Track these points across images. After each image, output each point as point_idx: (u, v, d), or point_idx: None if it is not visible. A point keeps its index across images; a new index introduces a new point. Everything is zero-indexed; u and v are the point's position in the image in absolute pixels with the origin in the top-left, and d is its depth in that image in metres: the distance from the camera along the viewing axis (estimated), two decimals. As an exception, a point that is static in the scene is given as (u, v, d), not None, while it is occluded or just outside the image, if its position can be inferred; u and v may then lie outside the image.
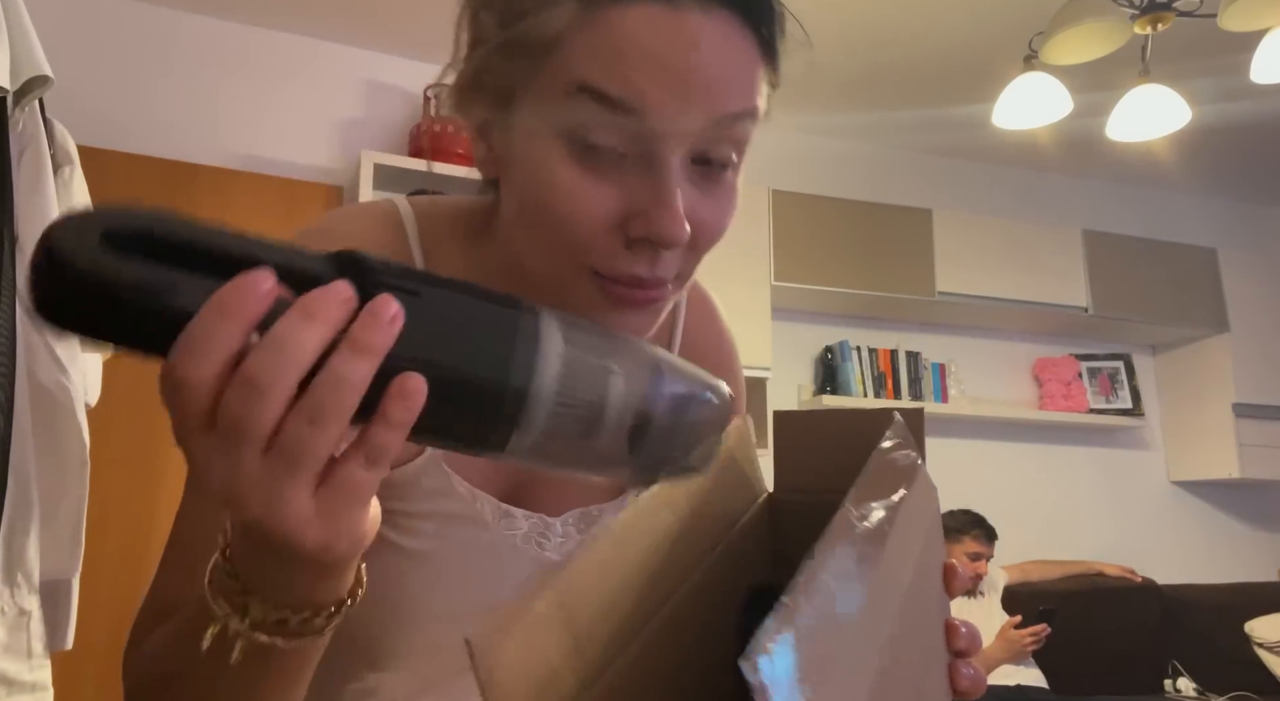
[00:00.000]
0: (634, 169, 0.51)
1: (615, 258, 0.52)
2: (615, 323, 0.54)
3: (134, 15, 3.03)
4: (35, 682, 1.34)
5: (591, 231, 0.51)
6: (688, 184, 0.52)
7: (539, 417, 0.37)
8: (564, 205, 0.51)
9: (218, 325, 0.32)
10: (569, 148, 0.50)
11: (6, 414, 1.23)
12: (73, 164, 1.59)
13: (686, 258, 0.55)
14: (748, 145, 0.56)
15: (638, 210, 0.51)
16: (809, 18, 0.60)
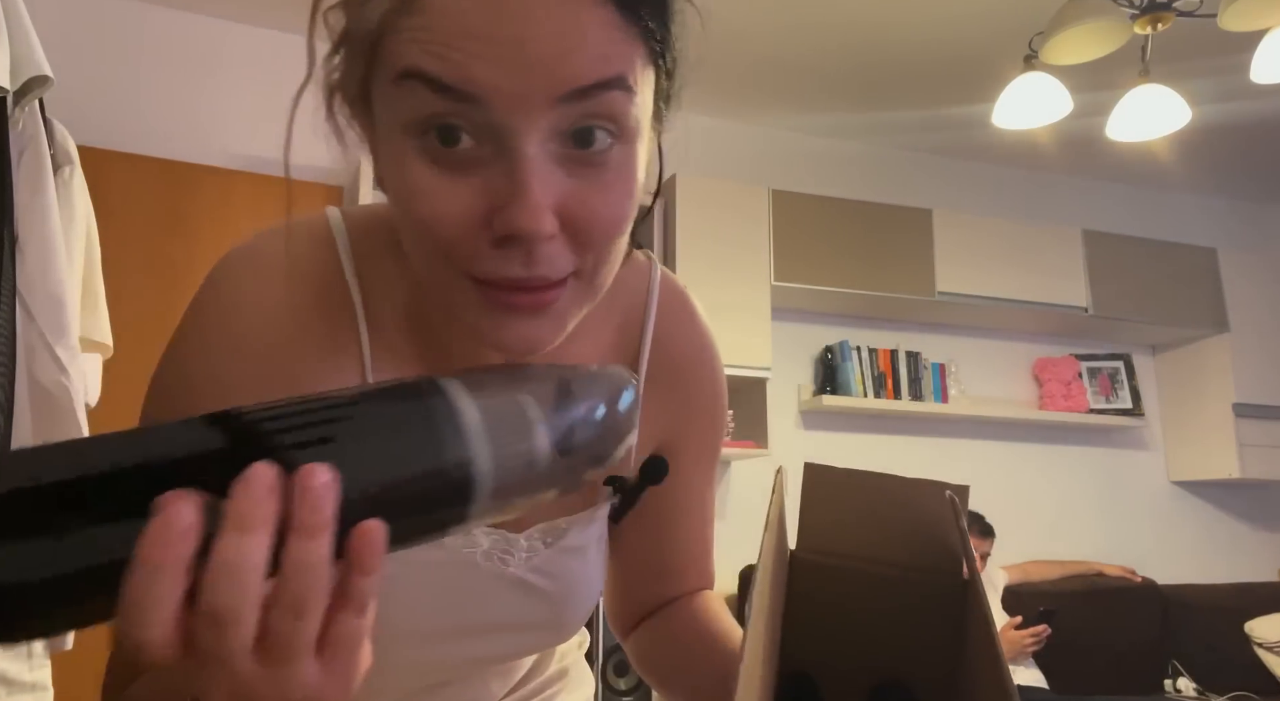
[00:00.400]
0: (491, 161, 0.46)
1: (485, 259, 0.48)
2: (508, 331, 0.50)
3: (134, 15, 3.03)
4: (35, 682, 1.34)
5: (454, 233, 0.47)
6: (558, 171, 0.47)
7: (486, 483, 0.38)
8: (423, 207, 0.47)
9: (154, 584, 0.30)
10: (420, 145, 0.46)
11: (6, 414, 1.23)
12: (73, 164, 1.59)
13: (580, 252, 0.49)
14: (632, 119, 0.48)
15: (498, 206, 0.46)
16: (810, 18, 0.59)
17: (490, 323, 0.50)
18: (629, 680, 2.81)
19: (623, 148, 0.49)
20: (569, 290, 0.50)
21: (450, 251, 0.48)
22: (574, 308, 0.52)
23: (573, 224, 0.48)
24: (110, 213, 2.28)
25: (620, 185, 0.49)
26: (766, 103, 3.68)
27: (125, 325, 2.17)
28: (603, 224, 0.49)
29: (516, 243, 0.47)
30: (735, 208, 3.38)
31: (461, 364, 0.60)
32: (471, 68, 0.44)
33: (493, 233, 0.47)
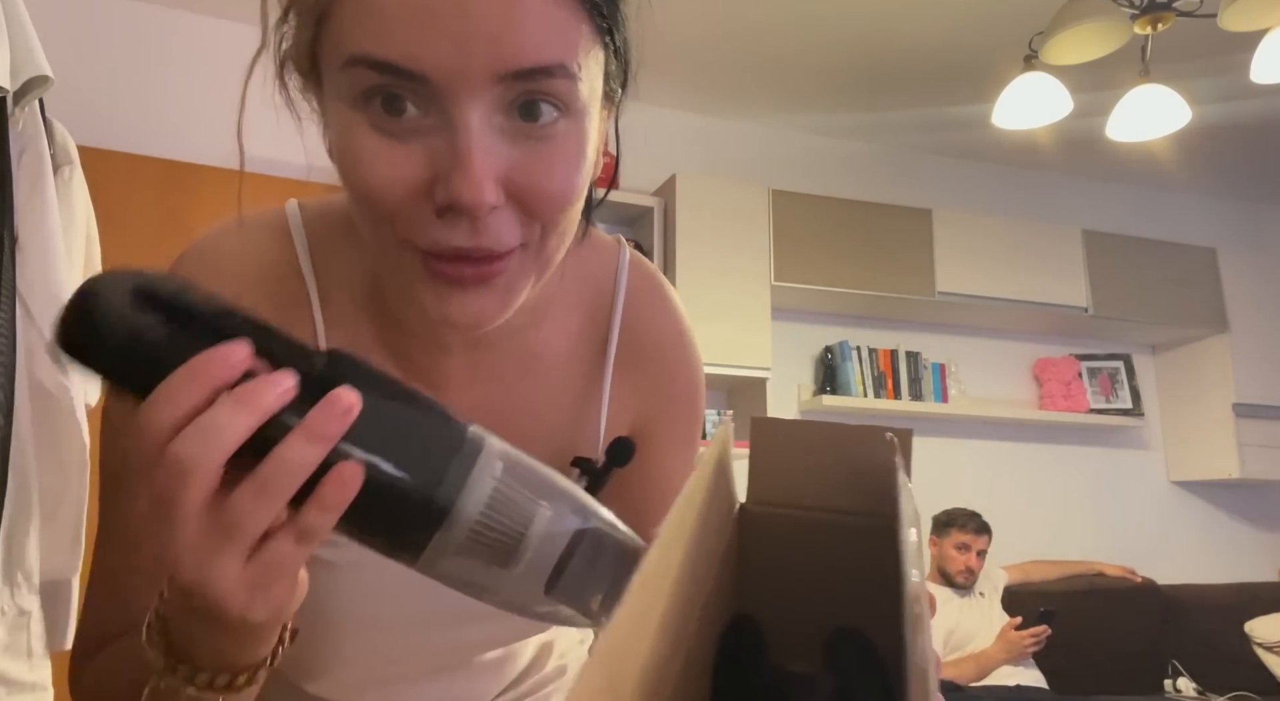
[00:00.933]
0: (435, 131, 0.46)
1: (429, 228, 0.48)
2: (452, 305, 0.50)
3: (134, 15, 3.03)
4: (35, 682, 1.34)
5: (397, 201, 0.47)
6: (502, 142, 0.47)
7: (457, 536, 0.39)
8: (369, 175, 0.47)
9: (185, 383, 0.35)
10: (366, 115, 0.47)
11: (6, 414, 1.23)
12: (73, 164, 1.58)
13: (527, 224, 0.49)
14: (576, 99, 0.48)
15: (441, 175, 0.46)
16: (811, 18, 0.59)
17: (435, 296, 0.50)
18: (629, 680, 2.81)
19: (569, 122, 0.49)
20: (515, 262, 0.50)
21: (395, 220, 0.48)
22: (521, 281, 0.51)
23: (518, 195, 0.48)
24: (110, 213, 2.28)
25: (565, 158, 0.49)
26: (767, 102, 3.68)
27: (125, 325, 2.16)
28: (548, 195, 0.49)
29: (459, 213, 0.47)
30: (735, 208, 3.38)
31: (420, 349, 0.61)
32: (413, 46, 0.44)
33: (435, 202, 0.47)
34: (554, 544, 0.40)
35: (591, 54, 0.49)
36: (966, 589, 3.10)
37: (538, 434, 0.64)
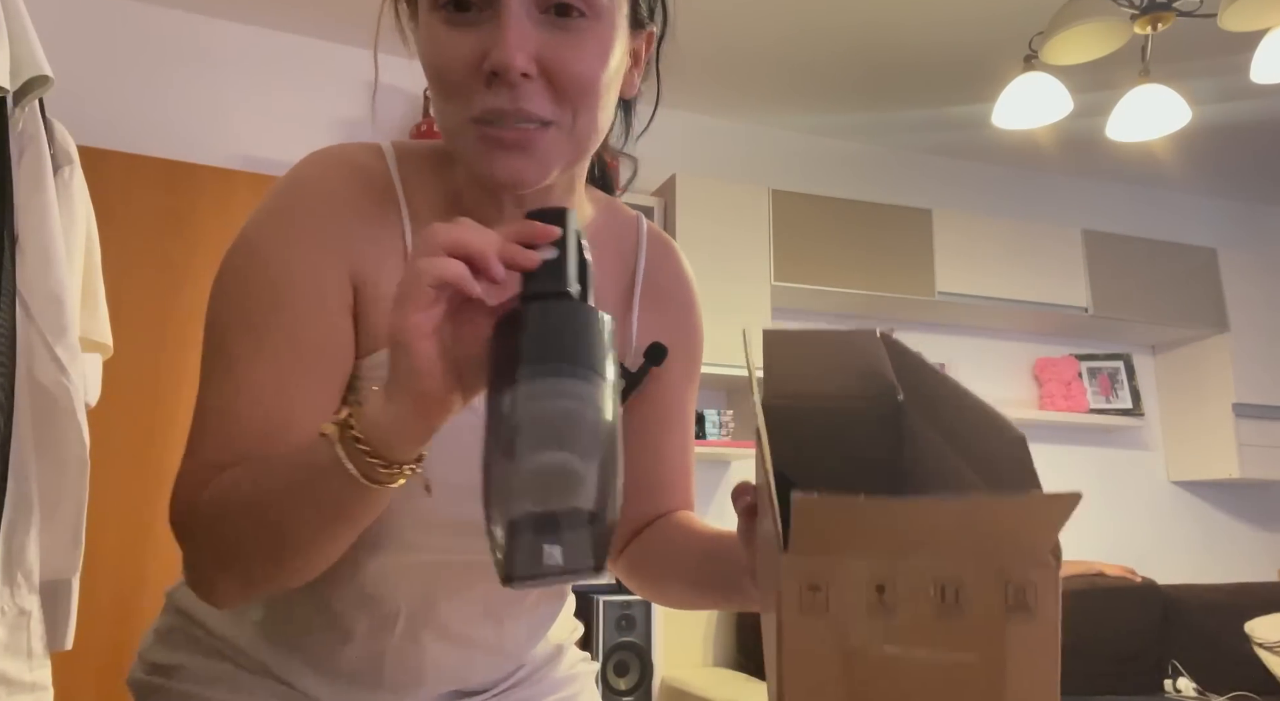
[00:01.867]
0: (488, 21, 0.61)
1: (480, 96, 0.62)
2: (496, 165, 0.63)
3: (134, 15, 3.03)
4: (35, 682, 1.34)
5: (458, 74, 0.62)
6: (537, 29, 0.62)
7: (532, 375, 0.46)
8: (439, 57, 0.63)
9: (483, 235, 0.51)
10: (443, 15, 0.63)
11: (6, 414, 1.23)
12: (73, 164, 1.58)
13: (558, 102, 0.63)
14: (602, 5, 0.63)
15: (489, 50, 0.61)
16: (811, 18, 0.63)
17: (484, 158, 0.64)
18: (629, 680, 2.81)
19: (593, 24, 0.63)
20: (551, 136, 0.63)
21: (456, 92, 0.63)
22: (554, 154, 0.64)
23: (548, 72, 0.62)
24: (110, 213, 2.28)
25: (588, 47, 0.63)
26: (767, 103, 3.68)
27: (125, 325, 2.17)
28: (573, 74, 0.62)
29: (501, 82, 0.61)
30: (735, 208, 3.38)
31: None
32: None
33: (483, 73, 0.61)
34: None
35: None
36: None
37: None
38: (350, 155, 0.72)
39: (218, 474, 0.62)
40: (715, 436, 3.29)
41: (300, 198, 0.69)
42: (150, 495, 2.54)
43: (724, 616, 3.33)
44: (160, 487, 2.56)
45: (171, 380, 2.53)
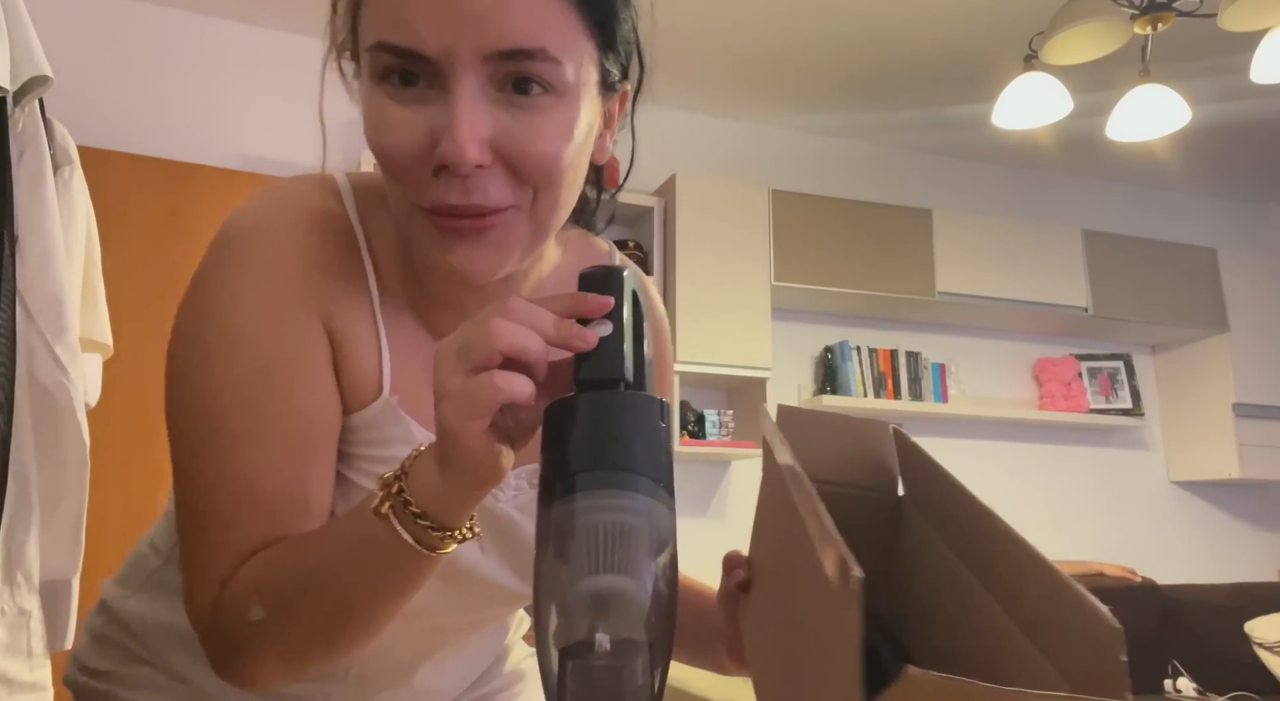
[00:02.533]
0: (437, 101, 0.55)
1: (429, 187, 0.56)
2: (451, 256, 0.58)
3: (134, 15, 3.03)
4: (35, 682, 1.34)
5: (404, 160, 0.56)
6: (493, 111, 0.55)
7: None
8: (384, 138, 0.56)
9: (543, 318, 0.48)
10: (387, 90, 0.56)
11: (6, 414, 1.23)
12: (73, 164, 1.58)
13: (518, 185, 0.57)
14: (561, 82, 0.56)
15: (438, 137, 0.54)
16: (812, 18, 0.61)
17: (439, 248, 0.58)
18: (629, 680, 2.81)
19: (556, 100, 0.56)
20: (509, 219, 0.58)
21: (404, 180, 0.57)
22: (514, 238, 0.59)
23: (506, 156, 0.56)
24: (110, 213, 2.28)
25: (551, 127, 0.56)
26: (767, 103, 3.68)
27: (125, 325, 2.17)
28: (532, 157, 0.56)
29: (451, 173, 0.55)
30: (735, 208, 3.38)
31: (443, 309, 0.68)
32: (419, 31, 0.53)
33: (432, 163, 0.55)
34: None
35: (579, 43, 0.57)
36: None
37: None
38: (307, 202, 0.66)
39: (244, 558, 0.60)
40: (715, 436, 3.28)
41: (268, 254, 0.63)
42: (150, 495, 2.54)
43: (724, 616, 3.34)
44: (160, 487, 2.56)
45: (171, 380, 2.53)
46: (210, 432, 0.61)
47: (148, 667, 0.75)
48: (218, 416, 0.61)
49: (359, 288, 0.65)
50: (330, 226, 0.65)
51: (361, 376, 0.64)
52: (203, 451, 0.61)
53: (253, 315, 0.61)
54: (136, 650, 0.76)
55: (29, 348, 1.31)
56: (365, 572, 0.55)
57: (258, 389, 0.61)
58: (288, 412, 0.61)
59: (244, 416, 0.61)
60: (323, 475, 0.63)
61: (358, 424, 0.65)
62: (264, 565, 0.59)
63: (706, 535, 2.33)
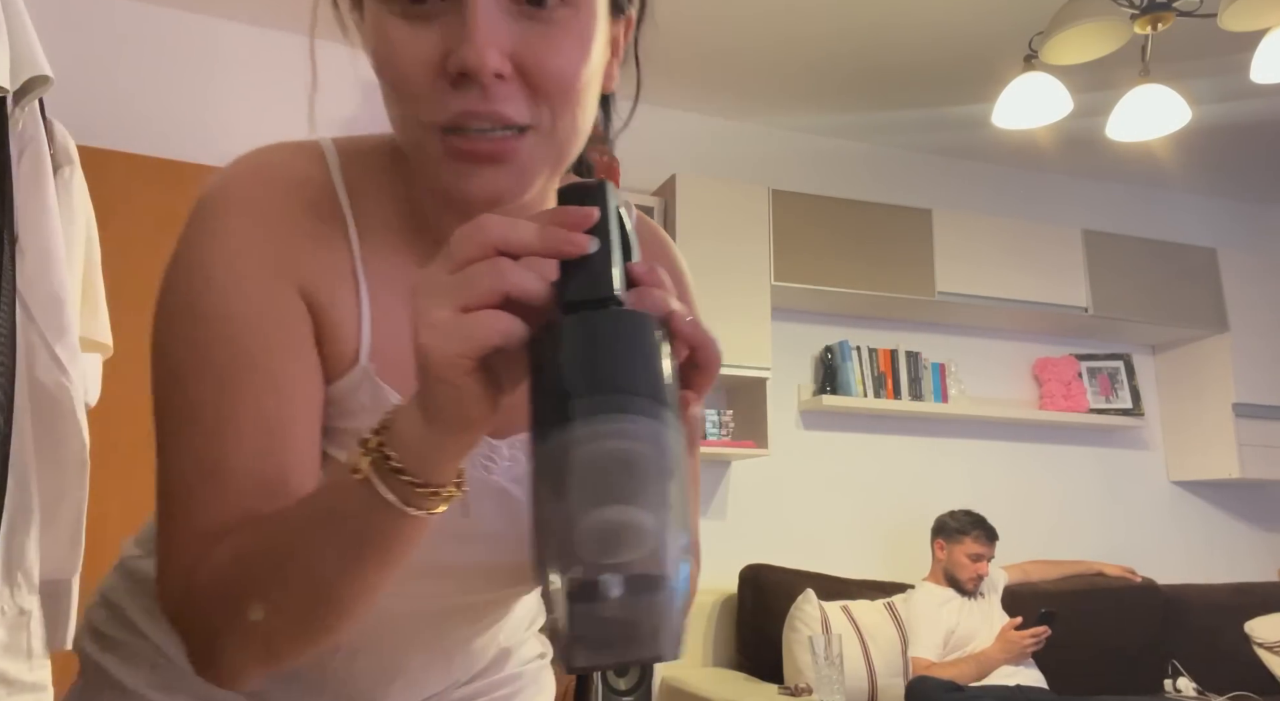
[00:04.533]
0: (450, 12, 0.53)
1: (445, 100, 0.53)
2: (470, 181, 0.55)
3: (134, 15, 3.03)
4: (35, 682, 1.34)
5: (418, 76, 0.53)
6: (508, 21, 0.53)
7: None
8: (394, 57, 0.54)
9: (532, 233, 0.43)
10: (394, 8, 0.54)
11: (6, 414, 1.23)
12: (73, 164, 1.58)
13: (535, 102, 0.54)
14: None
15: (453, 47, 0.52)
16: (812, 18, 0.61)
17: (455, 174, 0.55)
18: (629, 680, 2.81)
19: (573, 13, 0.55)
20: (528, 143, 0.55)
21: (417, 98, 0.54)
22: (534, 163, 0.56)
23: (523, 71, 0.53)
24: (110, 213, 2.28)
25: (568, 40, 0.55)
26: (767, 103, 3.68)
27: (125, 325, 2.16)
28: (552, 72, 0.54)
29: (470, 82, 0.52)
30: (735, 208, 3.38)
31: None
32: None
33: (449, 74, 0.53)
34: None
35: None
36: (972, 593, 3.09)
37: None
38: (287, 167, 0.63)
39: (215, 541, 0.56)
40: (715, 436, 3.28)
41: (243, 220, 0.60)
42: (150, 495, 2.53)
43: (724, 616, 3.33)
44: (160, 487, 2.56)
45: (171, 380, 2.53)
46: (181, 410, 0.59)
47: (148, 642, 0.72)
48: (189, 393, 0.59)
49: (340, 253, 0.62)
50: (310, 192, 0.63)
51: (342, 345, 0.62)
52: (176, 430, 0.60)
53: (223, 288, 0.59)
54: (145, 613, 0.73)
55: (29, 347, 1.31)
56: (345, 544, 0.51)
57: (229, 364, 0.58)
58: (262, 388, 0.58)
59: (214, 393, 0.58)
60: (302, 452, 0.59)
61: (334, 395, 0.62)
62: (238, 546, 0.55)
63: (707, 535, 2.33)
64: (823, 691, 2.52)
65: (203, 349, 0.58)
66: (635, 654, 0.38)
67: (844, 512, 3.61)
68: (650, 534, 0.37)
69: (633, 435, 0.38)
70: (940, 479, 3.71)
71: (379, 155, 0.66)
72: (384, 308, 0.63)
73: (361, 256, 0.63)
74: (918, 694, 2.76)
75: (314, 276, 0.61)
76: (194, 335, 0.59)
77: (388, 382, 0.62)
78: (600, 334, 0.41)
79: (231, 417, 0.57)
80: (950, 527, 3.14)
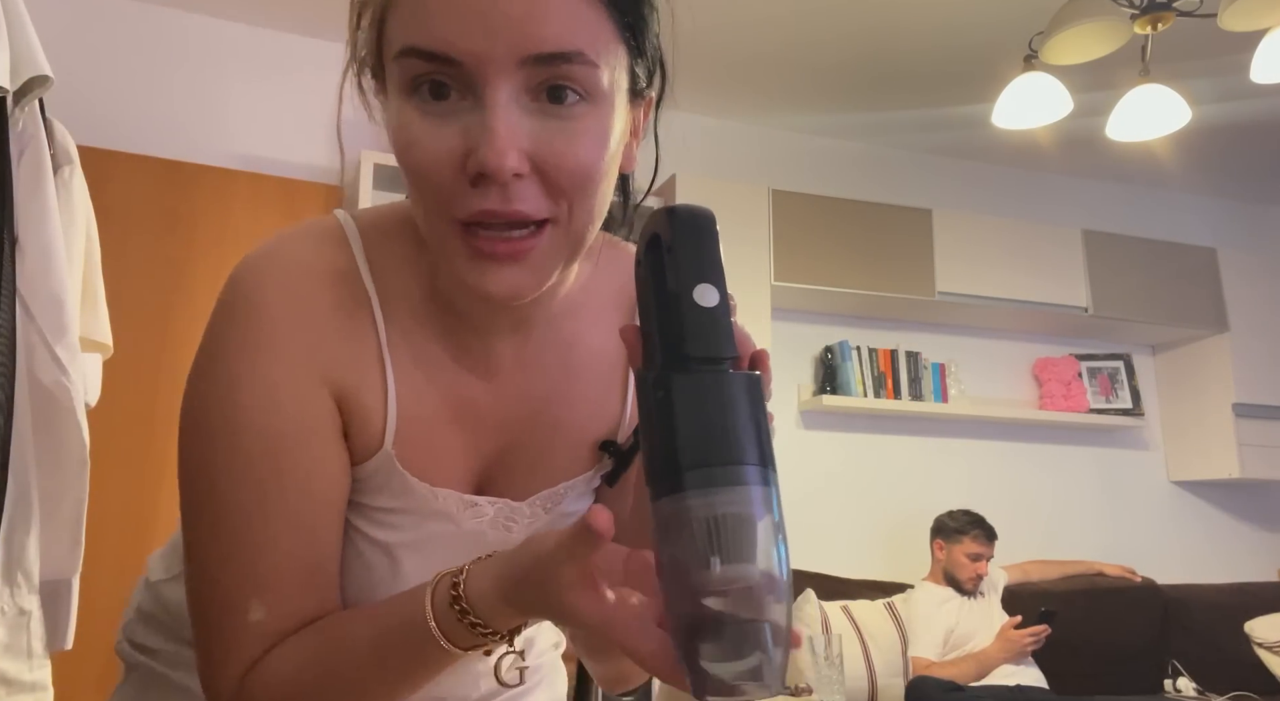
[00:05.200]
0: (471, 111, 0.54)
1: (465, 198, 0.54)
2: (489, 280, 0.56)
3: (134, 15, 3.03)
4: (35, 682, 1.34)
5: (439, 171, 0.54)
6: (528, 120, 0.54)
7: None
8: (418, 154, 0.54)
9: None
10: (416, 102, 0.54)
11: (6, 414, 1.23)
12: (73, 164, 1.58)
13: (554, 198, 0.55)
14: (598, 87, 0.55)
15: (473, 146, 0.53)
16: (812, 18, 0.61)
17: (474, 270, 0.56)
18: (629, 680, 2.81)
19: (591, 108, 0.55)
20: (546, 239, 0.56)
21: (438, 194, 0.55)
22: (552, 258, 0.57)
23: (542, 167, 0.54)
24: (110, 213, 2.28)
25: (587, 137, 0.55)
26: (767, 103, 3.68)
27: (125, 325, 2.17)
28: (570, 168, 0.55)
29: (489, 181, 0.53)
30: (735, 208, 3.38)
31: (474, 335, 0.66)
32: (450, 35, 0.52)
33: (468, 173, 0.53)
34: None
35: (612, 48, 0.56)
36: (971, 592, 3.09)
37: (572, 419, 0.71)
38: (315, 261, 0.63)
39: (269, 642, 0.60)
40: (715, 436, 3.28)
41: (276, 329, 0.61)
42: (150, 495, 2.54)
43: (724, 616, 3.33)
44: (160, 487, 2.56)
45: (171, 380, 2.53)
46: (215, 517, 0.60)
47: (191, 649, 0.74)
48: (222, 501, 0.60)
49: (367, 341, 0.64)
50: (338, 285, 0.63)
51: (370, 430, 0.64)
52: (209, 536, 0.61)
53: (256, 395, 0.60)
54: (181, 630, 0.75)
55: (29, 347, 1.31)
56: (405, 672, 0.56)
57: (263, 471, 0.60)
58: (295, 493, 0.60)
59: (249, 500, 0.60)
60: (332, 543, 0.63)
61: (359, 475, 0.65)
62: (292, 661, 0.59)
63: (706, 535, 2.33)
64: (823, 691, 2.52)
65: (241, 465, 0.60)
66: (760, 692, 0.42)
67: (844, 512, 3.60)
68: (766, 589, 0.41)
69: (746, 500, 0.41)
70: (940, 479, 3.71)
71: (398, 234, 0.66)
72: (409, 387, 0.65)
73: (387, 337, 0.64)
74: (918, 694, 2.76)
75: (343, 370, 0.62)
76: (230, 451, 0.60)
77: (407, 465, 0.65)
78: (710, 401, 0.42)
79: (270, 530, 0.60)
80: (949, 527, 3.14)
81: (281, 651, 0.59)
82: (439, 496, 0.66)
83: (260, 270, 0.62)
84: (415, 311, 0.66)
